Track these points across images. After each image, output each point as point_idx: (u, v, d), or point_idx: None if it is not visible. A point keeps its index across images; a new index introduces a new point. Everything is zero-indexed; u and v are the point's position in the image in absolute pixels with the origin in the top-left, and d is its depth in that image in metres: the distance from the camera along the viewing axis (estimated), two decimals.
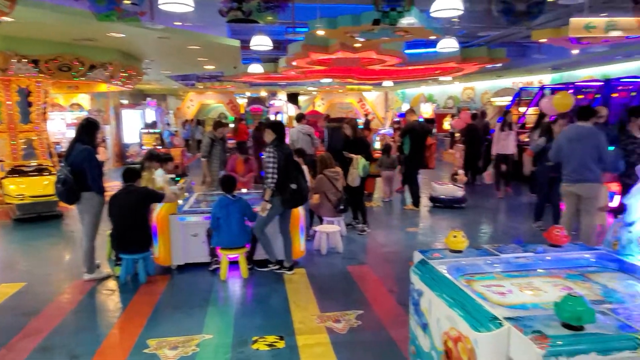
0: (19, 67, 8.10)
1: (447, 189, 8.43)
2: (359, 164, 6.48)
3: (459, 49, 10.63)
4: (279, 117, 17.66)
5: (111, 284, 4.90)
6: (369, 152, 7.03)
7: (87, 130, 4.95)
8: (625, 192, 4.24)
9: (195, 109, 24.09)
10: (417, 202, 8.21)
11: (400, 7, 6.58)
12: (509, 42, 13.12)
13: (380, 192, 9.57)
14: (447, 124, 18.02)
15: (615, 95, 10.39)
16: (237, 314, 4.12)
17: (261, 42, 8.49)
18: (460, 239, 3.09)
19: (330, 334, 3.65)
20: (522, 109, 12.66)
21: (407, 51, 11.70)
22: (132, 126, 15.64)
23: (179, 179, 6.52)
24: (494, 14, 6.83)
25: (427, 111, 19.50)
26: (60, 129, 12.96)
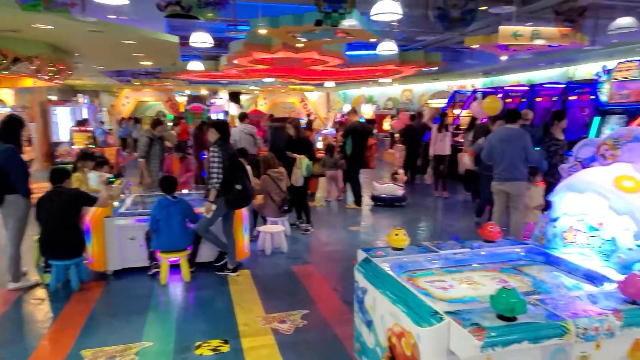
0: None
1: (387, 188, 8.65)
2: (303, 164, 6.50)
3: (398, 52, 10.96)
4: (221, 116, 17.32)
5: (40, 293, 4.59)
6: (312, 152, 7.08)
7: (10, 128, 4.59)
8: (548, 191, 4.56)
9: (131, 106, 23.06)
10: (359, 201, 8.37)
11: (342, 9, 6.66)
12: (444, 47, 13.67)
13: (323, 191, 9.66)
14: (387, 125, 18.49)
15: (539, 99, 11.14)
16: (179, 319, 4.00)
17: (201, 39, 8.28)
18: (401, 237, 3.18)
19: (275, 335, 3.63)
20: (457, 111, 13.26)
21: (348, 53, 11.88)
22: (62, 124, 14.70)
23: (114, 180, 6.22)
24: (431, 19, 7.09)
25: (367, 112, 19.89)
26: None
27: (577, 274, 2.89)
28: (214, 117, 16.68)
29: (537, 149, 6.09)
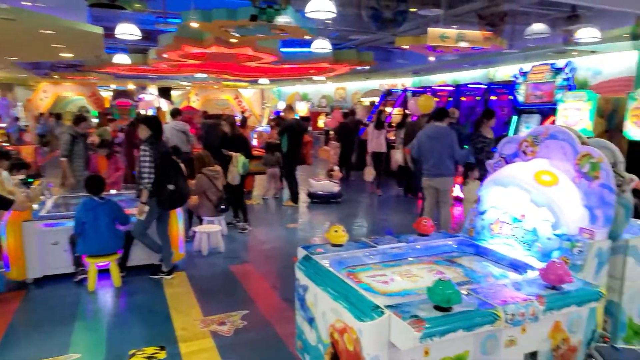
0: None
1: (323, 185, 8.75)
2: (239, 161, 6.40)
3: (332, 51, 11.09)
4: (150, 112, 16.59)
5: None
6: (249, 149, 6.98)
7: None
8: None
9: (49, 101, 21.41)
10: (295, 199, 8.38)
11: (277, 5, 6.63)
12: (376, 46, 14.03)
13: (260, 189, 9.57)
14: (321, 122, 18.66)
15: (464, 98, 11.77)
16: (110, 328, 3.78)
17: (128, 31, 7.87)
18: (340, 233, 3.23)
19: (215, 338, 3.55)
20: (389, 109, 13.66)
21: (283, 49, 11.84)
22: None
23: (33, 181, 5.75)
24: (365, 19, 7.24)
25: (302, 109, 19.97)
26: None
27: (503, 263, 3.08)
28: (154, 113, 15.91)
29: (465, 146, 6.42)
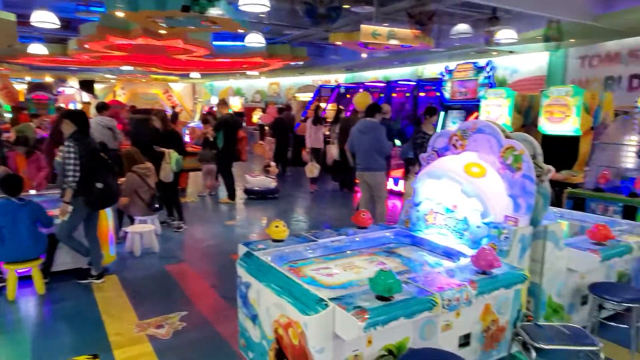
0: None
1: (260, 181, 8.68)
2: (172, 158, 6.18)
3: (265, 45, 10.99)
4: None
5: None
6: (182, 145, 6.75)
7: None
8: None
9: None
10: (232, 195, 8.25)
11: None
12: (310, 42, 14.10)
13: (194, 186, 9.31)
14: (256, 118, 18.48)
15: (395, 95, 12.16)
16: (35, 339, 3.52)
17: (45, 19, 7.32)
18: (281, 229, 3.24)
19: (152, 342, 3.41)
20: (323, 105, 13.80)
21: (215, 43, 11.55)
22: None
23: None
24: (299, 14, 7.26)
25: (236, 104, 19.64)
26: None
27: (437, 252, 3.25)
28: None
29: (398, 142, 6.63)
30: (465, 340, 2.71)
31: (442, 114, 9.79)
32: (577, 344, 2.47)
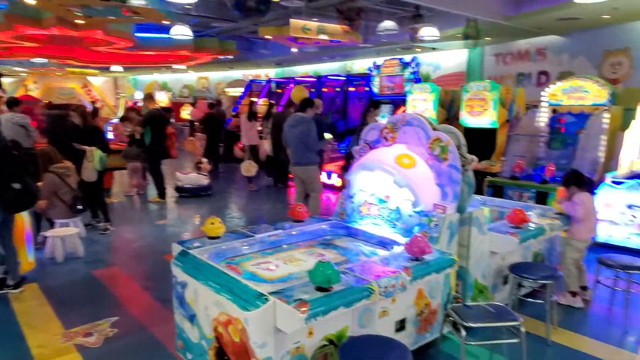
0: None
1: (192, 178, 8.44)
2: (95, 156, 5.83)
3: (192, 38, 10.66)
4: None
5: None
6: (105, 142, 6.38)
7: None
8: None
9: None
10: (162, 194, 7.94)
11: None
12: (239, 35, 13.87)
13: (123, 186, 8.85)
14: (185, 113, 17.91)
15: (325, 89, 12.31)
16: None
17: None
18: (217, 225, 3.18)
19: (81, 352, 3.22)
20: (254, 100, 13.65)
21: (138, 34, 11.01)
22: None
23: None
24: (228, 7, 7.11)
25: (162, 100, 18.89)
26: None
27: (372, 241, 3.35)
28: None
29: (330, 135, 6.71)
30: (401, 325, 2.84)
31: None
32: (501, 321, 2.67)
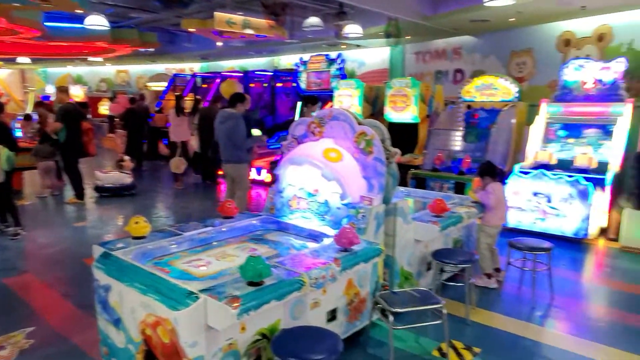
0: None
1: (113, 177, 8.00)
2: (2, 155, 5.35)
3: (109, 29, 10.08)
4: None
5: None
6: (13, 140, 5.87)
7: None
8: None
9: None
10: (80, 194, 7.46)
11: None
12: (161, 27, 13.34)
13: (35, 186, 8.19)
14: (104, 108, 16.92)
15: (252, 85, 12.19)
16: None
17: None
18: (142, 224, 3.08)
19: None
20: (182, 94, 13.20)
21: (48, 24, 10.21)
22: None
23: None
24: None
25: (77, 94, 17.69)
26: None
27: (303, 235, 3.41)
28: None
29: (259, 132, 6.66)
30: (332, 315, 2.91)
31: (299, 103, 10.14)
32: (425, 304, 2.84)
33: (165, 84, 14.63)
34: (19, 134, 9.20)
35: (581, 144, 6.19)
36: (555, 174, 5.48)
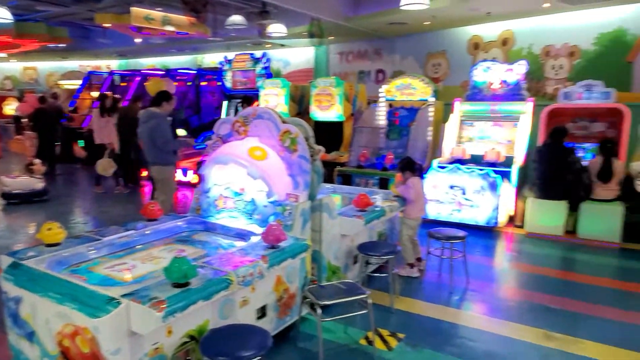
0: None
1: (22, 182, 7.39)
2: None
3: (13, 22, 9.29)
4: None
5: None
6: None
7: None
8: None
9: None
10: None
11: None
12: (72, 22, 12.51)
13: None
14: (9, 109, 15.53)
15: (176, 84, 11.79)
16: None
17: None
18: (56, 231, 2.92)
19: None
20: (95, 93, 12.46)
21: None
22: None
23: None
24: None
25: None
26: None
27: (230, 234, 3.39)
28: None
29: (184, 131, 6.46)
30: (262, 312, 2.93)
31: (225, 102, 9.99)
32: (351, 296, 2.94)
33: (79, 82, 13.72)
34: None
35: (490, 140, 6.70)
36: (468, 168, 5.89)
